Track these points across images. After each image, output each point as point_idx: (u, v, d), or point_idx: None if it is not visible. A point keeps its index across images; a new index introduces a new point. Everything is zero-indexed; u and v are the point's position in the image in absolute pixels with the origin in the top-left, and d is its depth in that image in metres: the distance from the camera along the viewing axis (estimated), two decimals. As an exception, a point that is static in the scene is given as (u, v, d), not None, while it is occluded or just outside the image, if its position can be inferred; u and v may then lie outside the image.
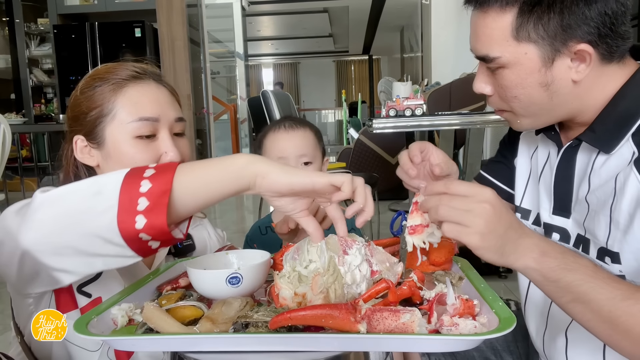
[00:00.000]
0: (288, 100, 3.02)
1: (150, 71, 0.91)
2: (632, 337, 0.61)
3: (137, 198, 0.57)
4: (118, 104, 0.85)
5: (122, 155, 0.84)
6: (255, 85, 13.84)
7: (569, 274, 0.63)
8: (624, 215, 0.72)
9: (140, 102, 0.86)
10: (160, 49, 4.27)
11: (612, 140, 0.76)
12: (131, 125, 0.84)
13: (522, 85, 0.77)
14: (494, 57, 0.77)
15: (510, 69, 0.77)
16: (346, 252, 0.63)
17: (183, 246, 0.99)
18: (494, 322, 0.55)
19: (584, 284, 0.62)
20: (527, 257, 0.63)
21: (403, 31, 10.61)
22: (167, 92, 0.91)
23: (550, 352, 0.90)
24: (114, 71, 0.88)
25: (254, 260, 0.71)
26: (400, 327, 0.53)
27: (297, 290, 0.60)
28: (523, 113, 0.81)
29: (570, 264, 0.63)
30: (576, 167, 0.83)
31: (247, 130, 7.85)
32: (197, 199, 0.62)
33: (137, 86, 0.87)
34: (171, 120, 0.88)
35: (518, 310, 1.11)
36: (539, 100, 0.78)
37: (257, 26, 11.16)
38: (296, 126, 1.29)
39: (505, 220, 0.64)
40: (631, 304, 0.61)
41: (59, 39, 5.19)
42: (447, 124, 2.56)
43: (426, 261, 0.75)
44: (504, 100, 0.82)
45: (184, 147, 0.90)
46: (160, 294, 0.71)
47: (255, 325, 0.57)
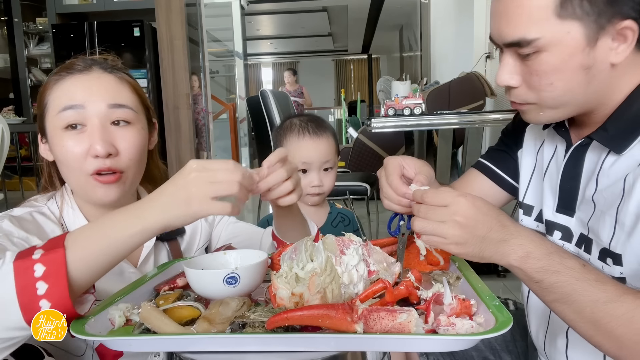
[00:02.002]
0: (287, 99, 3.02)
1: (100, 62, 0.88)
2: (614, 339, 0.62)
3: (35, 283, 0.56)
4: (51, 96, 0.84)
5: (57, 148, 0.83)
6: (254, 85, 13.83)
7: (553, 275, 0.63)
8: (630, 216, 0.72)
9: (70, 91, 0.83)
10: (159, 48, 4.26)
11: (625, 141, 0.74)
12: (59, 116, 0.82)
13: (562, 70, 0.71)
14: (532, 39, 0.70)
15: (549, 51, 0.71)
16: (343, 252, 0.63)
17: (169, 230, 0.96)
18: (490, 321, 0.55)
19: (567, 286, 0.63)
20: (509, 258, 0.64)
21: (402, 30, 10.62)
22: (113, 79, 0.86)
23: (550, 351, 0.89)
24: (66, 66, 0.87)
25: (251, 260, 0.71)
26: (397, 327, 0.53)
27: (294, 291, 0.59)
28: (551, 104, 0.76)
29: (555, 265, 0.64)
30: (584, 166, 0.81)
31: (247, 130, 7.85)
32: (99, 267, 0.61)
33: (74, 77, 0.84)
34: (102, 107, 0.82)
35: (517, 309, 1.11)
36: (576, 87, 0.73)
37: (256, 25, 11.15)
38: (321, 133, 1.35)
39: (483, 226, 0.65)
40: (615, 306, 0.61)
41: (58, 39, 5.18)
42: (446, 123, 2.56)
43: (424, 261, 0.75)
44: (533, 89, 0.76)
45: (124, 139, 0.83)
46: (158, 294, 0.71)
47: (252, 325, 0.57)
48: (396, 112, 2.54)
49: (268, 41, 13.13)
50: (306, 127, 1.34)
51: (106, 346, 0.60)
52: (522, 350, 1.06)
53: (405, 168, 0.82)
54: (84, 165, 0.82)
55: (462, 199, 0.65)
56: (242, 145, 7.60)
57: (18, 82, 5.68)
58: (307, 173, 1.33)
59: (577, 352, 0.84)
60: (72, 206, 0.89)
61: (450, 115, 2.62)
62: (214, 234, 1.05)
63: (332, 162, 1.35)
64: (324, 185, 1.34)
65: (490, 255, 0.65)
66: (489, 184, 1.05)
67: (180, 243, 0.97)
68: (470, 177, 1.09)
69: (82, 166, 0.82)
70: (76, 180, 0.85)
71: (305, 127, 1.34)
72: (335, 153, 1.36)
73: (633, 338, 0.60)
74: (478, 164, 1.08)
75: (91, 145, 0.81)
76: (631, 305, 0.61)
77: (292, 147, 1.33)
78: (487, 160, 1.07)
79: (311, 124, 1.35)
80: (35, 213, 0.86)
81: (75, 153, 0.81)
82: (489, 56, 4.39)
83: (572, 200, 0.83)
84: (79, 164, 0.82)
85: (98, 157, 0.81)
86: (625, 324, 0.60)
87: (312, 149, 1.31)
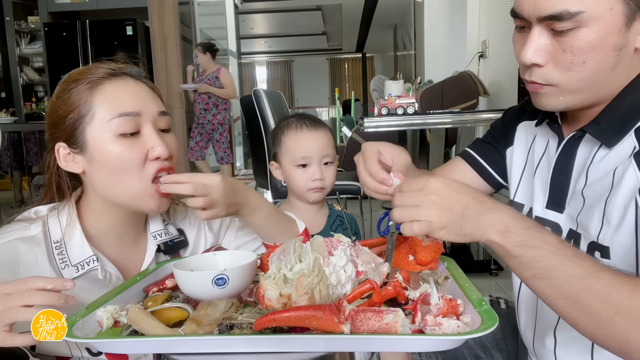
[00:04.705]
0: (280, 98, 3.01)
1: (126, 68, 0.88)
2: (591, 316, 0.60)
3: None
4: (95, 102, 0.82)
5: (106, 156, 0.81)
6: (249, 84, 13.81)
7: (531, 250, 0.62)
8: (618, 208, 0.72)
9: (119, 97, 0.82)
10: (152, 47, 4.25)
11: (616, 135, 0.75)
12: (112, 123, 0.81)
13: (598, 48, 0.70)
14: (575, 12, 0.68)
15: (589, 27, 0.69)
16: (331, 253, 0.63)
17: (174, 243, 0.95)
18: (477, 321, 0.55)
19: (545, 261, 0.62)
20: (489, 232, 0.63)
21: (396, 29, 10.63)
22: (146, 87, 0.87)
23: (539, 350, 0.90)
24: (88, 72, 0.85)
25: (240, 261, 0.71)
26: (384, 327, 0.53)
27: (282, 292, 0.59)
28: (574, 86, 0.74)
29: (534, 240, 0.63)
30: (576, 160, 0.82)
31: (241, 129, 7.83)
32: None
33: (113, 83, 0.84)
34: (154, 114, 0.85)
35: (508, 308, 1.12)
36: (604, 68, 0.72)
37: (250, 24, 11.12)
38: (318, 126, 1.37)
39: (458, 203, 0.64)
40: (593, 282, 0.60)
41: (50, 37, 5.15)
42: (439, 122, 2.58)
43: (412, 261, 0.76)
44: (561, 68, 0.73)
45: (171, 143, 0.87)
46: (147, 296, 0.70)
47: (240, 326, 0.57)
48: (389, 112, 2.54)
49: (262, 40, 13.11)
50: (303, 122, 1.36)
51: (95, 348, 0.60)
52: (512, 349, 1.06)
53: (382, 154, 0.82)
54: (144, 170, 0.82)
55: (433, 180, 0.65)
56: (236, 144, 7.58)
57: (10, 81, 5.65)
58: (307, 167, 1.33)
59: (565, 352, 0.84)
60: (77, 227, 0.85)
61: (443, 115, 2.63)
62: (224, 242, 1.03)
63: (332, 156, 1.35)
64: (326, 179, 1.34)
65: (471, 231, 0.64)
66: (472, 174, 1.05)
67: (183, 255, 0.97)
68: (454, 165, 1.09)
69: (143, 171, 0.82)
70: (131, 187, 0.83)
71: (303, 122, 1.36)
72: (333, 148, 1.37)
73: (609, 314, 0.59)
74: (464, 153, 1.08)
75: (151, 148, 0.82)
76: (608, 282, 0.60)
77: (290, 142, 1.34)
78: (474, 150, 1.06)
79: (307, 120, 1.37)
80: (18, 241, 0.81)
81: (134, 159, 0.81)
82: (482, 55, 4.41)
83: (563, 196, 0.83)
84: (138, 170, 0.82)
85: (159, 159, 0.83)
86: (602, 299, 0.59)
87: (310, 142, 1.32)
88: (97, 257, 0.84)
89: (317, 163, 1.33)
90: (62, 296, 0.63)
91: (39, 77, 5.84)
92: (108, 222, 0.88)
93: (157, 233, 0.93)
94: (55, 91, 0.87)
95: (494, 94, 4.03)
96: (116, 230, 0.89)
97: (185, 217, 1.01)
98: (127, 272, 0.89)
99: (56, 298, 0.62)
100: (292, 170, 1.34)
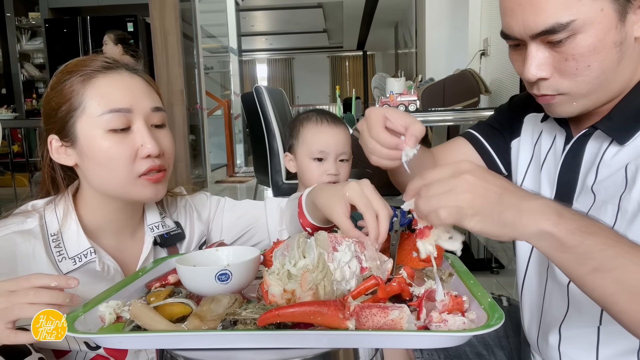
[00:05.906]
0: (281, 95, 3.01)
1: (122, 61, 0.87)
2: None
3: None
4: (87, 96, 0.81)
5: (96, 152, 0.81)
6: (249, 81, 13.80)
7: (590, 237, 0.54)
8: (633, 203, 0.71)
9: (110, 92, 0.81)
10: (153, 44, 4.24)
11: (629, 131, 0.74)
12: (102, 118, 0.80)
13: (599, 49, 0.70)
14: (567, 22, 0.68)
15: (585, 32, 0.69)
16: (335, 248, 0.63)
17: (170, 236, 0.94)
18: (482, 318, 0.55)
19: (608, 249, 0.53)
20: (541, 220, 0.54)
21: (397, 27, 10.60)
22: (142, 81, 0.86)
23: (543, 347, 0.90)
24: (83, 63, 0.84)
25: (243, 257, 0.71)
26: (389, 323, 0.53)
27: (286, 287, 0.59)
28: (585, 90, 0.73)
29: (590, 226, 0.54)
30: (584, 157, 0.81)
31: (241, 126, 7.83)
32: None
33: (107, 77, 0.82)
34: (146, 110, 0.83)
35: (510, 305, 1.12)
36: (610, 65, 0.71)
37: (251, 21, 11.11)
38: (338, 123, 1.38)
39: (495, 184, 0.56)
40: None
41: (51, 33, 5.14)
42: (441, 120, 2.57)
43: (416, 257, 0.75)
44: (567, 76, 0.73)
45: (164, 139, 0.85)
46: (149, 291, 0.70)
47: (243, 322, 0.56)
48: (391, 109, 2.53)
49: (263, 37, 13.10)
50: (324, 116, 1.37)
51: (97, 343, 0.59)
52: (515, 346, 1.06)
53: (389, 120, 0.75)
54: (133, 167, 0.81)
55: (464, 161, 0.59)
56: (237, 141, 7.59)
57: (10, 77, 5.64)
58: (323, 162, 1.34)
59: (570, 348, 0.84)
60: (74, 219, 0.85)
61: (445, 113, 2.63)
62: (214, 226, 1.04)
63: (348, 154, 1.36)
64: (340, 175, 1.35)
65: (512, 219, 0.55)
66: (475, 155, 1.00)
67: (180, 248, 0.97)
68: (457, 145, 1.03)
69: (132, 168, 0.81)
70: (120, 182, 0.82)
71: (323, 117, 1.37)
72: (350, 146, 1.37)
73: None
74: (468, 135, 1.02)
75: (142, 146, 0.81)
76: None
77: (309, 135, 1.35)
78: (478, 132, 1.01)
79: (328, 115, 1.39)
80: (15, 235, 0.81)
81: (123, 155, 0.80)
82: (483, 53, 4.40)
83: (570, 192, 0.82)
84: (127, 166, 0.81)
85: (149, 157, 0.82)
86: None
87: (329, 137, 1.33)
88: (94, 249, 0.84)
89: (333, 158, 1.34)
90: (67, 295, 0.62)
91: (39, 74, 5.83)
92: (104, 215, 0.88)
93: (154, 225, 0.93)
94: (50, 81, 0.86)
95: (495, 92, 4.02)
96: (113, 222, 0.89)
97: (176, 208, 1.00)
98: (124, 264, 0.89)
99: (62, 297, 0.62)
100: (307, 162, 1.35)
